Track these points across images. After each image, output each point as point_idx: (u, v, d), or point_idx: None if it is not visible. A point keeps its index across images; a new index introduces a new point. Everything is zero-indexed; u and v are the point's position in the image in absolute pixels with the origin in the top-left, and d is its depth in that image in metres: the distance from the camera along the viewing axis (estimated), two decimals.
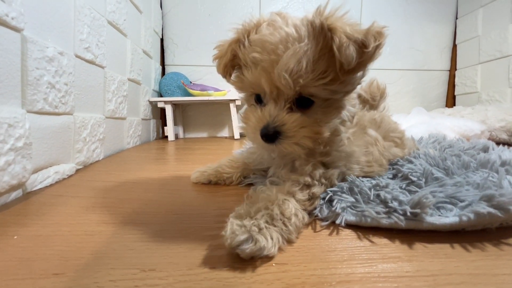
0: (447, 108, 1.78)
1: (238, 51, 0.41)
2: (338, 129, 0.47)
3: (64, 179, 0.68)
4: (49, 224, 0.43)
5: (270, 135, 0.39)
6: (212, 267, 0.31)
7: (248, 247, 0.31)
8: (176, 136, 1.72)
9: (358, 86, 0.44)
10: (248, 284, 0.28)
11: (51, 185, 0.63)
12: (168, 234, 0.40)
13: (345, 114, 0.46)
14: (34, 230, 0.41)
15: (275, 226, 0.35)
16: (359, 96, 0.83)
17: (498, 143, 0.89)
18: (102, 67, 0.92)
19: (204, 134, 1.94)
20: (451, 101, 1.98)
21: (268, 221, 0.35)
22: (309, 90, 0.39)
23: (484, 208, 0.36)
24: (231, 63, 0.44)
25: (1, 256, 0.34)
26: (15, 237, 0.39)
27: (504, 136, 1.20)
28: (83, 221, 0.44)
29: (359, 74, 0.41)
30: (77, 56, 0.76)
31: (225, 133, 1.94)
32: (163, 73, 1.82)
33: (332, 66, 0.37)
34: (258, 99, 0.43)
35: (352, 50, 0.35)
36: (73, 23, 0.74)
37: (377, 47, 0.36)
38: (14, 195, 0.53)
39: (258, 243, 0.31)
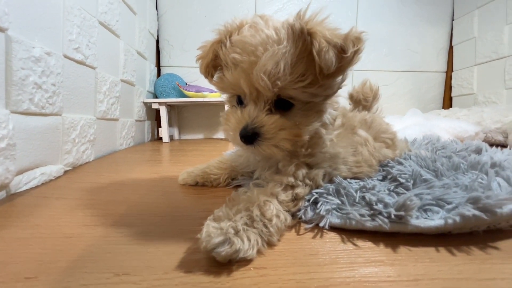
0: (443, 109, 1.77)
1: (220, 51, 0.41)
2: (319, 132, 0.46)
3: (51, 180, 0.67)
4: (29, 226, 0.43)
5: (249, 136, 0.39)
6: (188, 271, 0.30)
7: (224, 250, 0.30)
8: (171, 138, 1.72)
9: (340, 90, 0.44)
10: None
11: (36, 186, 0.62)
12: (149, 237, 0.39)
13: (326, 117, 0.46)
14: (13, 232, 0.40)
15: (254, 227, 0.34)
16: (351, 96, 0.83)
17: (493, 145, 0.88)
18: (93, 68, 0.91)
19: (200, 136, 1.93)
20: (447, 102, 1.98)
21: (247, 223, 0.34)
22: (288, 93, 0.39)
23: (469, 211, 0.35)
24: (213, 63, 0.44)
25: None
26: None
27: (499, 138, 1.20)
28: (64, 224, 0.43)
29: (339, 78, 0.41)
30: (65, 57, 0.75)
31: (220, 134, 1.94)
32: (159, 74, 1.81)
33: (311, 69, 0.37)
34: (239, 101, 0.43)
35: (331, 55, 0.35)
36: (61, 24, 0.73)
37: (356, 52, 0.36)
38: None
39: (233, 245, 0.30)
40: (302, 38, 0.37)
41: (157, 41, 1.79)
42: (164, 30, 1.79)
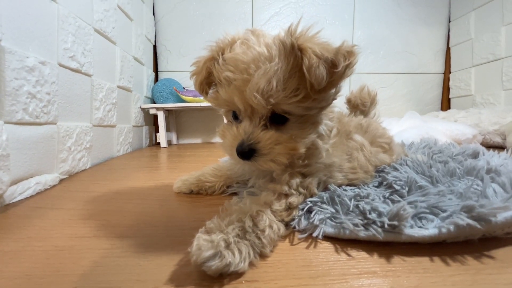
0: (441, 111, 1.77)
1: (213, 68, 0.41)
2: (316, 143, 0.46)
3: (46, 189, 0.67)
4: (21, 238, 0.42)
5: (246, 152, 0.39)
6: (179, 285, 0.30)
7: (214, 264, 0.29)
8: (170, 143, 1.71)
9: (334, 101, 0.44)
10: None
11: (31, 196, 0.62)
12: (141, 249, 0.38)
13: (322, 128, 0.46)
14: (4, 245, 0.40)
15: (246, 239, 0.34)
16: (349, 101, 0.83)
17: (492, 147, 0.88)
18: (89, 75, 0.91)
19: (198, 140, 1.93)
20: (446, 104, 1.97)
21: (239, 235, 0.34)
22: (282, 108, 0.39)
23: (463, 220, 0.35)
24: (207, 80, 0.44)
25: None
26: None
27: (498, 139, 1.19)
28: (56, 235, 0.43)
29: (332, 91, 0.42)
30: (60, 65, 0.75)
31: (218, 138, 1.93)
32: (157, 79, 1.82)
33: (304, 84, 0.37)
34: (235, 115, 0.44)
35: (322, 70, 0.35)
36: (56, 32, 0.73)
37: (347, 66, 0.36)
38: None
39: (224, 259, 0.30)
40: (293, 53, 0.37)
41: (155, 46, 1.79)
42: (161, 35, 1.80)
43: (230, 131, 0.41)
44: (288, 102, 0.38)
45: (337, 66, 0.35)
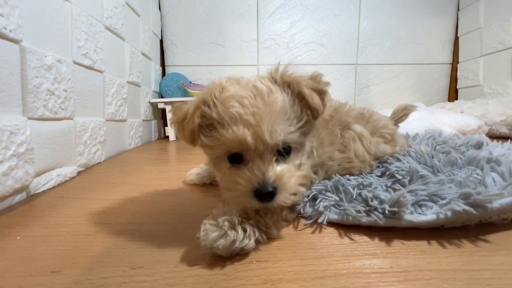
0: (448, 102, 1.76)
1: (209, 111, 0.38)
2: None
3: (66, 181, 0.71)
4: (50, 225, 0.46)
5: (269, 192, 0.36)
6: (195, 265, 0.33)
7: (220, 243, 0.33)
8: (177, 136, 1.75)
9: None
10: (228, 281, 0.30)
11: (53, 187, 0.66)
12: (159, 234, 0.42)
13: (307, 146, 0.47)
14: (35, 231, 0.44)
15: (250, 219, 0.37)
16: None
17: (498, 138, 0.88)
18: (101, 72, 0.94)
19: None
20: (453, 95, 1.95)
21: (242, 216, 0.37)
22: (291, 138, 0.39)
23: (459, 206, 0.37)
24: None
25: (4, 255, 0.37)
26: (18, 237, 0.42)
27: (504, 130, 1.19)
28: (81, 222, 0.47)
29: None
30: (75, 63, 0.78)
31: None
32: (164, 74, 1.84)
33: (302, 111, 0.41)
34: (234, 159, 0.39)
35: (317, 98, 0.39)
36: (70, 31, 0.76)
37: (327, 89, 0.42)
38: (18, 197, 0.56)
39: (228, 237, 0.33)
40: (287, 87, 0.40)
41: (161, 41, 1.81)
42: (168, 30, 1.82)
43: (241, 175, 0.37)
44: (294, 131, 0.39)
45: (323, 91, 0.41)
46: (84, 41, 0.82)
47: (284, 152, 0.40)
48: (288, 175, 0.38)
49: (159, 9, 1.76)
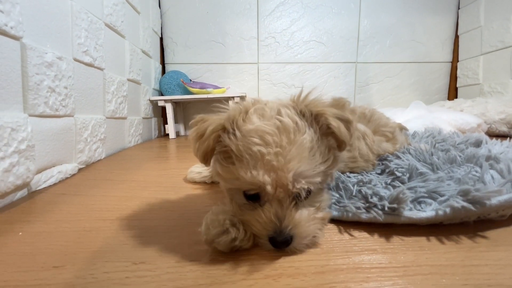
0: (447, 101, 1.76)
1: (228, 141, 0.35)
2: None
3: (67, 178, 0.72)
4: (51, 221, 0.46)
5: (286, 241, 0.34)
6: (197, 260, 0.34)
7: (222, 239, 0.33)
8: (178, 134, 1.75)
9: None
10: (229, 276, 0.31)
11: (54, 184, 0.67)
12: (161, 230, 0.42)
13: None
14: (37, 227, 0.44)
15: None
16: None
17: (497, 136, 0.89)
18: (101, 69, 0.94)
19: None
20: (453, 93, 1.96)
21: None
22: (316, 180, 0.36)
23: (458, 203, 0.38)
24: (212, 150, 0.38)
25: (7, 251, 0.37)
26: (20, 233, 0.42)
27: (504, 129, 1.20)
28: (82, 218, 0.47)
29: None
30: (75, 60, 0.78)
31: None
32: (164, 71, 1.84)
33: (330, 146, 0.38)
34: (250, 195, 0.37)
35: (344, 128, 0.36)
36: (70, 28, 0.76)
37: (353, 118, 0.38)
38: (19, 194, 0.57)
39: (229, 234, 0.33)
40: (314, 119, 0.37)
41: (161, 39, 1.81)
42: (168, 27, 1.81)
43: (257, 217, 0.35)
44: (319, 175, 0.36)
45: (350, 120, 0.37)
46: (85, 38, 0.82)
47: (305, 194, 0.37)
48: (306, 222, 0.35)
49: (159, 6, 1.76)
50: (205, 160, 0.38)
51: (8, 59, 0.54)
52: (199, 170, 0.66)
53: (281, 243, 0.34)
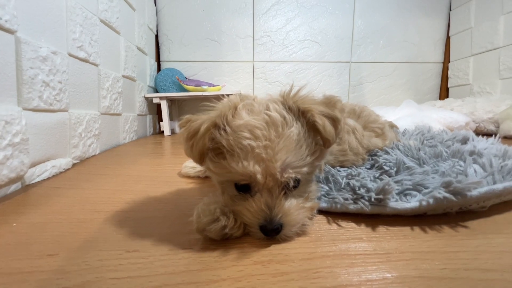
0: (438, 100, 1.80)
1: (219, 137, 0.37)
2: None
3: (61, 172, 0.72)
4: (46, 213, 0.47)
5: (275, 229, 0.35)
6: (189, 248, 0.35)
7: (213, 227, 0.34)
8: (173, 131, 1.75)
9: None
10: (220, 262, 0.32)
11: (48, 178, 0.67)
12: (154, 221, 0.43)
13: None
14: (32, 218, 0.45)
15: None
16: None
17: (486, 135, 0.91)
18: (96, 65, 0.95)
19: None
20: (444, 93, 2.00)
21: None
22: (304, 171, 0.38)
23: (440, 193, 0.39)
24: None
25: (1, 241, 0.38)
26: (14, 224, 0.42)
27: (492, 127, 1.23)
28: (77, 210, 0.48)
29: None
30: (70, 55, 0.79)
31: None
32: (159, 69, 1.84)
33: (317, 140, 0.39)
34: (241, 187, 0.38)
35: (330, 126, 0.38)
36: (65, 23, 0.76)
37: (342, 116, 0.40)
38: (13, 187, 0.57)
39: (219, 222, 0.35)
40: (301, 115, 0.38)
41: (157, 36, 1.81)
42: (163, 25, 1.81)
43: (248, 207, 0.36)
44: (306, 166, 0.38)
45: (338, 118, 0.38)
46: (79, 33, 0.82)
47: (293, 183, 0.38)
48: (295, 210, 0.37)
49: (155, 4, 1.76)
50: (201, 159, 0.39)
51: (2, 52, 0.54)
52: (193, 164, 0.67)
53: (272, 231, 0.35)
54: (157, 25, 1.79)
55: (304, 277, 0.29)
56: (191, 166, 0.67)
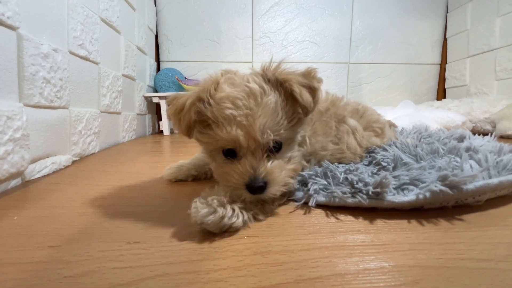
0: (436, 101, 1.81)
1: (204, 110, 0.40)
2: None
3: (61, 169, 0.72)
4: (46, 207, 0.47)
5: (260, 187, 0.39)
6: (190, 240, 0.35)
7: (210, 219, 0.35)
8: (172, 131, 1.76)
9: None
10: (220, 253, 0.32)
11: (48, 174, 0.67)
12: (154, 215, 0.44)
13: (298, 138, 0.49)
14: (32, 212, 0.45)
15: (238, 202, 0.39)
16: None
17: (482, 134, 0.92)
18: (96, 63, 0.95)
19: None
20: (441, 94, 2.01)
21: (231, 199, 0.39)
22: (282, 136, 0.42)
23: (437, 187, 0.40)
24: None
25: (2, 233, 0.38)
26: (15, 218, 0.43)
27: (488, 127, 1.24)
28: (77, 205, 0.48)
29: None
30: (71, 53, 0.79)
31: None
32: (158, 69, 1.85)
33: (295, 108, 0.43)
34: (228, 153, 0.42)
35: (307, 95, 0.41)
36: (66, 21, 0.77)
37: (319, 84, 0.43)
38: (13, 183, 0.57)
39: (217, 213, 0.35)
40: (279, 85, 0.41)
41: (156, 36, 1.82)
42: (163, 25, 1.82)
43: (234, 169, 0.40)
44: (287, 129, 0.42)
45: (315, 88, 0.42)
46: (80, 31, 0.83)
47: (275, 147, 0.42)
48: (278, 170, 0.41)
49: (155, 4, 1.77)
50: (188, 132, 0.42)
51: (4, 48, 0.54)
52: (177, 164, 0.62)
53: (257, 189, 0.39)
54: (157, 25, 1.80)
55: (303, 267, 0.29)
56: (178, 165, 0.61)
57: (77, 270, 0.29)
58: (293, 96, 0.41)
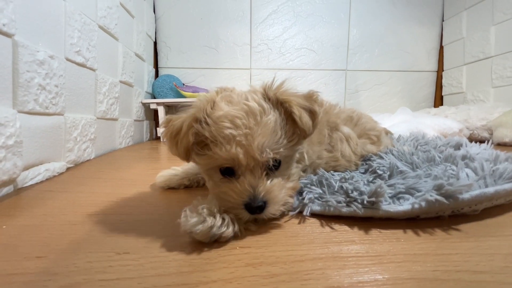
0: (433, 108, 1.82)
1: (202, 130, 0.39)
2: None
3: (54, 176, 0.71)
4: (36, 215, 0.46)
5: (259, 206, 0.38)
6: (181, 250, 0.34)
7: (199, 228, 0.34)
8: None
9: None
10: (211, 264, 0.32)
11: (41, 181, 0.66)
12: (146, 224, 0.43)
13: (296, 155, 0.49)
14: (22, 220, 0.44)
15: (229, 212, 0.38)
16: None
17: (480, 141, 0.92)
18: (93, 70, 0.95)
19: None
20: (438, 101, 2.02)
21: (221, 209, 0.38)
22: (282, 155, 0.41)
23: (432, 196, 0.40)
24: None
25: None
26: (4, 226, 0.42)
27: (485, 135, 1.24)
28: (68, 213, 0.47)
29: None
30: (67, 60, 0.79)
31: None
32: (157, 75, 1.85)
33: (295, 129, 0.42)
34: (225, 171, 0.41)
35: (307, 118, 0.41)
36: (63, 28, 0.77)
37: (320, 106, 0.44)
38: (5, 190, 0.56)
39: (206, 222, 0.34)
40: (279, 105, 0.41)
41: (155, 43, 1.83)
42: (162, 32, 1.83)
43: (233, 188, 0.39)
44: (286, 148, 0.41)
45: (315, 112, 0.42)
46: (77, 38, 0.83)
47: (274, 165, 0.41)
48: (277, 189, 0.40)
49: (154, 11, 1.78)
50: (187, 155, 0.41)
51: None
52: (169, 172, 0.61)
53: (256, 208, 0.38)
54: (155, 32, 1.81)
55: (295, 279, 0.29)
56: (170, 174, 0.60)
57: (63, 282, 0.28)
58: (293, 119, 0.40)
